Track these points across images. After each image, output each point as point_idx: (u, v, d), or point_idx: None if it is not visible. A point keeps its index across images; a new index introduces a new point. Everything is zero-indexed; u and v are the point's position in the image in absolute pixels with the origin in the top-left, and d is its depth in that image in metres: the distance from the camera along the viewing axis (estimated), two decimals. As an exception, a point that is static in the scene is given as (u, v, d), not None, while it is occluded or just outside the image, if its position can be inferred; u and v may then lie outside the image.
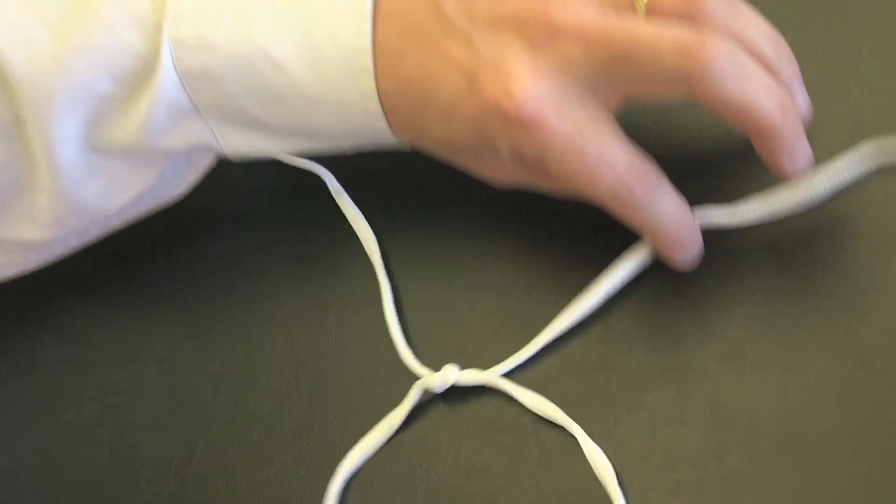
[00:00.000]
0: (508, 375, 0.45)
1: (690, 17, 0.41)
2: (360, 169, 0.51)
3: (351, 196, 0.51)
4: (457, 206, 0.50)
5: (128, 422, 0.49)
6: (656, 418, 0.43)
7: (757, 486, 0.41)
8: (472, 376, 0.45)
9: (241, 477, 0.47)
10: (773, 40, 0.43)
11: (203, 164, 0.49)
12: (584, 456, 0.43)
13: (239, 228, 0.53)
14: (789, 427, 0.41)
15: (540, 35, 0.41)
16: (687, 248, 0.44)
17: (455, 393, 0.46)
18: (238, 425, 0.48)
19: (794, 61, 0.43)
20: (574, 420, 0.43)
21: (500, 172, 0.45)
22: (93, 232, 0.49)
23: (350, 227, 0.51)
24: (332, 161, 0.51)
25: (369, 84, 0.42)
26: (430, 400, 0.46)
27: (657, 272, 0.45)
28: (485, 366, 0.45)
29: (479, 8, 0.42)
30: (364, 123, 0.44)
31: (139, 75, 0.43)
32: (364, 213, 0.51)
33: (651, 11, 0.41)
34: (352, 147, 0.47)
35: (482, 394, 0.45)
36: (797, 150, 0.42)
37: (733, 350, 0.43)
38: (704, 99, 0.40)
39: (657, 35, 0.40)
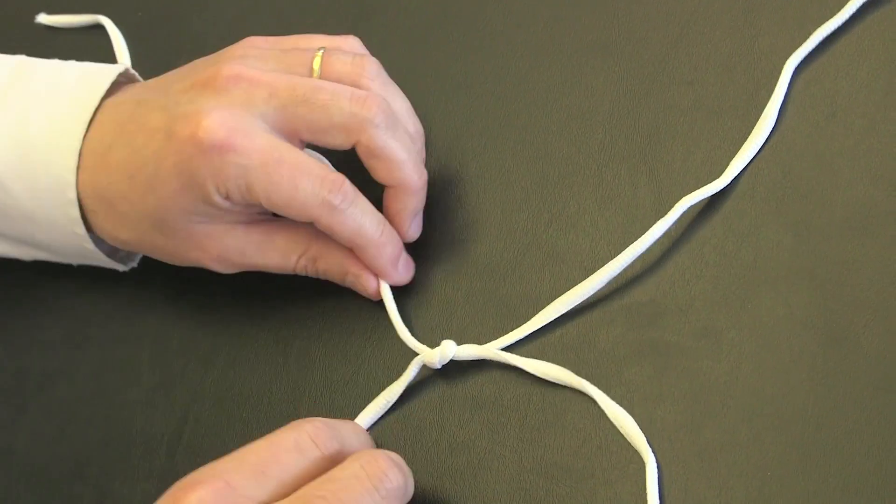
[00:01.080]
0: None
1: (356, 84, 0.47)
2: (346, 163, 0.52)
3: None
4: (443, 189, 0.51)
5: (120, 400, 0.50)
6: (634, 394, 0.43)
7: (731, 460, 0.41)
8: (471, 351, 0.46)
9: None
10: (413, 117, 0.50)
11: None
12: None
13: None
14: (763, 402, 0.42)
15: (222, 84, 0.46)
16: (393, 258, 0.48)
17: (451, 369, 0.46)
18: (227, 403, 0.49)
19: (423, 141, 0.50)
20: (554, 396, 0.44)
21: (218, 240, 0.48)
22: None
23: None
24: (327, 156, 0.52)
25: (75, 213, 0.47)
26: (422, 379, 0.47)
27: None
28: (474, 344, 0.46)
29: (172, 86, 0.47)
30: (76, 244, 0.49)
31: None
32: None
33: (324, 77, 0.48)
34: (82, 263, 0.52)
35: (477, 370, 0.46)
36: (417, 223, 0.49)
37: (709, 328, 0.44)
38: (365, 146, 0.46)
39: (337, 86, 0.46)
